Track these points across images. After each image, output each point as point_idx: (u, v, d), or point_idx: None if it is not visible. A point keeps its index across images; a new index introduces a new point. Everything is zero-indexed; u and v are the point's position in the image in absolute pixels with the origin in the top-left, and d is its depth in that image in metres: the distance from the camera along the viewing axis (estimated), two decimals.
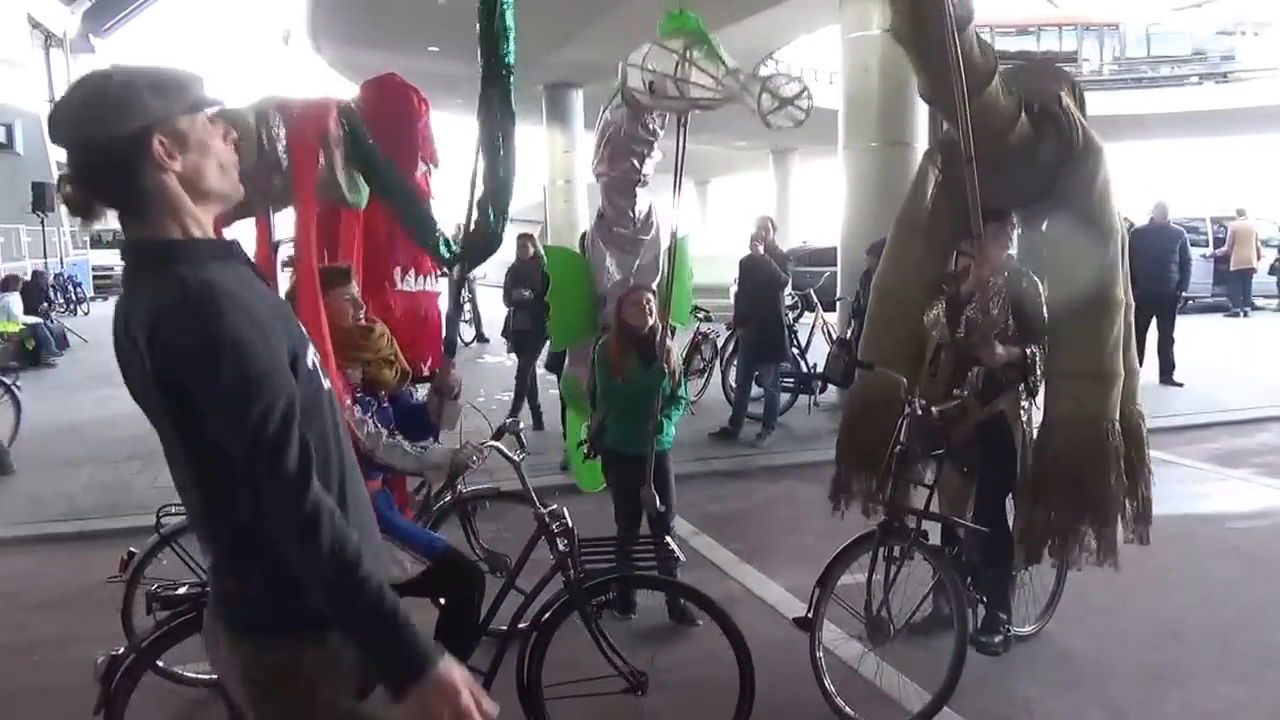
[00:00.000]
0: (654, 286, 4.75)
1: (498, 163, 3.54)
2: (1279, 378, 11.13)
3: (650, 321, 4.59)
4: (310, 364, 1.70)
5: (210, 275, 1.57)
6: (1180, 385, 10.54)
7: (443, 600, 3.40)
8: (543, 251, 7.43)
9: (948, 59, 3.42)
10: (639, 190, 4.85)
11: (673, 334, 4.89)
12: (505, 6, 3.46)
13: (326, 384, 1.78)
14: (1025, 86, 3.84)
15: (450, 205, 4.08)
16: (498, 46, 3.49)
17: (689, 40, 4.13)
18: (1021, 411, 4.14)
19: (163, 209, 1.61)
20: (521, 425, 3.82)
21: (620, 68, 4.41)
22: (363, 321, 3.43)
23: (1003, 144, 3.75)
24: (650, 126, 4.66)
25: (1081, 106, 4.05)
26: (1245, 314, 18.00)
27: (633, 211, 4.87)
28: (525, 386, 8.93)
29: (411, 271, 4.07)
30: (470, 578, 3.35)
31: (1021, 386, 4.11)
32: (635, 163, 4.77)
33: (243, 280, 1.64)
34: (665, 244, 4.87)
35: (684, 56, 4.07)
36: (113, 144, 1.55)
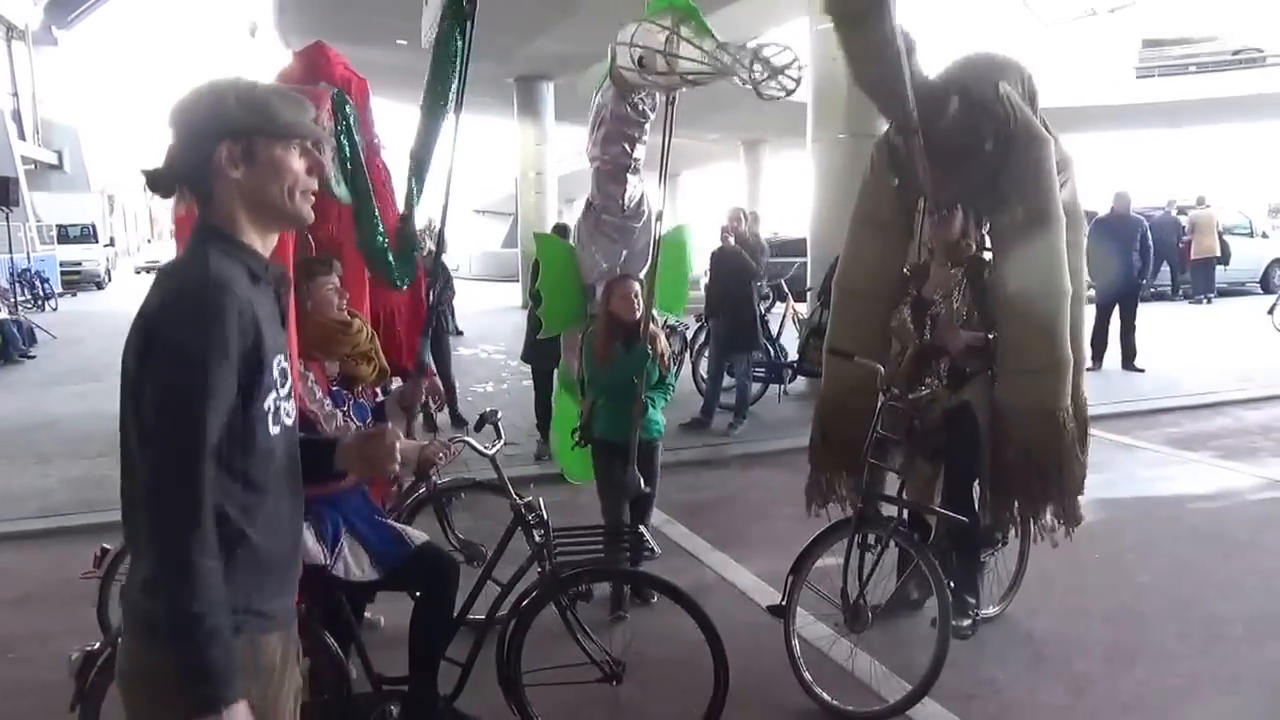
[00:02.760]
0: (641, 276, 4.76)
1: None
2: (1236, 363, 11.38)
3: (638, 314, 4.60)
4: (268, 407, 1.76)
5: (231, 275, 1.69)
6: (1142, 371, 10.75)
7: (417, 594, 3.43)
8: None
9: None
10: (630, 176, 4.83)
11: (669, 328, 4.91)
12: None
13: (284, 422, 1.82)
14: (962, 79, 3.91)
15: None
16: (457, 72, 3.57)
17: (677, 17, 4.16)
18: (988, 399, 4.23)
19: (225, 204, 1.78)
20: (500, 415, 3.85)
21: (610, 49, 4.41)
22: (345, 315, 3.43)
23: (937, 131, 3.82)
24: (640, 108, 4.63)
25: (1032, 98, 4.13)
26: (1209, 300, 18.28)
27: (622, 199, 4.85)
28: None
29: None
30: (443, 571, 3.36)
31: (988, 372, 4.21)
32: (626, 146, 4.73)
33: (255, 304, 1.72)
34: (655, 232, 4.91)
35: (674, 31, 4.09)
36: (194, 137, 1.74)
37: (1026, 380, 4.06)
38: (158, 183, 1.77)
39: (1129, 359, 10.99)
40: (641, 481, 4.61)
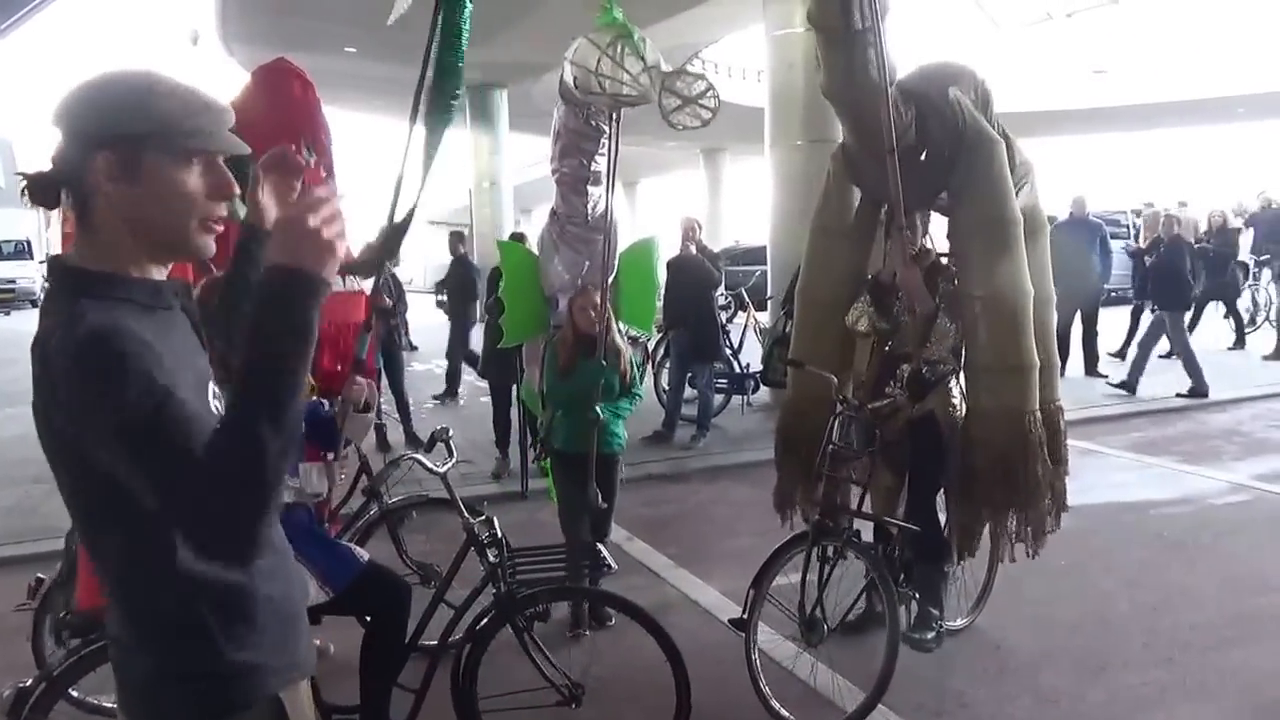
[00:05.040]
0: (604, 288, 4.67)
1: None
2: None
3: (599, 326, 4.51)
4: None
5: (115, 320, 1.38)
6: (1105, 377, 10.79)
7: (368, 618, 3.32)
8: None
9: (851, 52, 3.44)
10: (590, 188, 4.80)
11: (631, 339, 4.90)
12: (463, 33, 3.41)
13: None
14: (915, 87, 3.85)
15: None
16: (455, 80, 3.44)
17: (615, 35, 4.09)
18: (951, 408, 4.17)
19: (106, 229, 1.46)
20: (452, 433, 3.73)
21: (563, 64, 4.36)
22: None
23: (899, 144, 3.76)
24: (594, 123, 4.60)
25: (985, 104, 4.09)
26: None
27: (586, 208, 4.83)
28: None
29: None
30: (394, 594, 3.26)
31: (950, 382, 4.15)
32: (583, 160, 4.72)
33: (160, 331, 1.44)
34: (620, 244, 4.84)
35: (605, 52, 4.02)
36: (73, 140, 1.44)
37: (992, 380, 4.01)
38: (38, 189, 1.47)
39: (1092, 365, 11.04)
40: (599, 497, 4.52)
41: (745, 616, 3.88)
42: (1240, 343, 13.10)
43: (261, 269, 1.40)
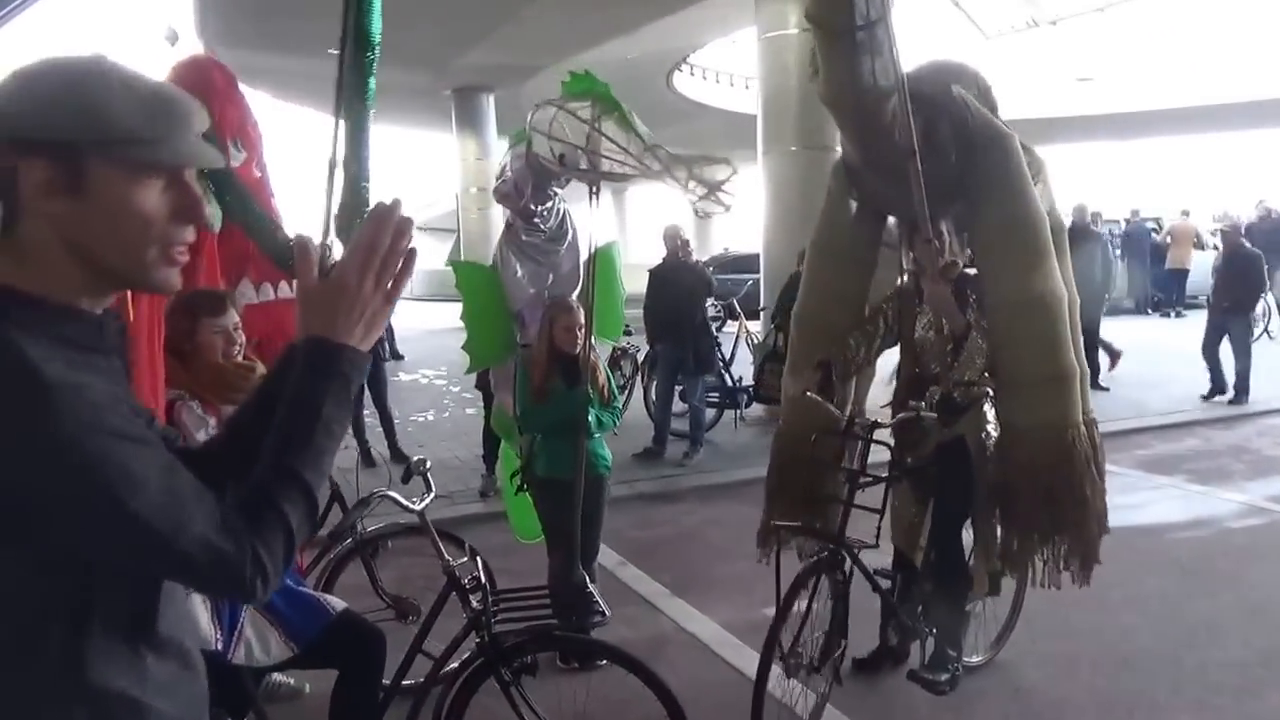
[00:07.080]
0: (575, 299, 4.43)
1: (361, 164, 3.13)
2: (1199, 380, 11.20)
3: (583, 349, 4.23)
4: None
5: (46, 360, 1.07)
6: (1106, 390, 10.55)
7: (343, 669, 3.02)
8: None
9: (848, 59, 3.17)
10: (541, 209, 4.62)
11: (620, 350, 4.64)
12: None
13: None
14: (915, 89, 3.56)
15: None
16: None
17: (599, 107, 3.89)
18: (984, 434, 3.82)
19: (39, 251, 1.14)
20: (429, 464, 3.42)
21: (526, 132, 4.20)
22: (242, 359, 3.00)
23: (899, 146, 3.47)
24: (552, 190, 4.51)
25: (986, 100, 3.81)
26: (1179, 314, 18.27)
27: (541, 223, 4.64)
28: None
29: (267, 284, 3.72)
30: (366, 645, 2.96)
31: (983, 405, 3.84)
32: (530, 217, 4.59)
33: (97, 376, 1.14)
34: (584, 255, 4.55)
35: (594, 126, 3.81)
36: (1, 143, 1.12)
37: (1026, 395, 3.66)
38: None
39: (1093, 377, 10.79)
40: (587, 580, 4.25)
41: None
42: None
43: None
